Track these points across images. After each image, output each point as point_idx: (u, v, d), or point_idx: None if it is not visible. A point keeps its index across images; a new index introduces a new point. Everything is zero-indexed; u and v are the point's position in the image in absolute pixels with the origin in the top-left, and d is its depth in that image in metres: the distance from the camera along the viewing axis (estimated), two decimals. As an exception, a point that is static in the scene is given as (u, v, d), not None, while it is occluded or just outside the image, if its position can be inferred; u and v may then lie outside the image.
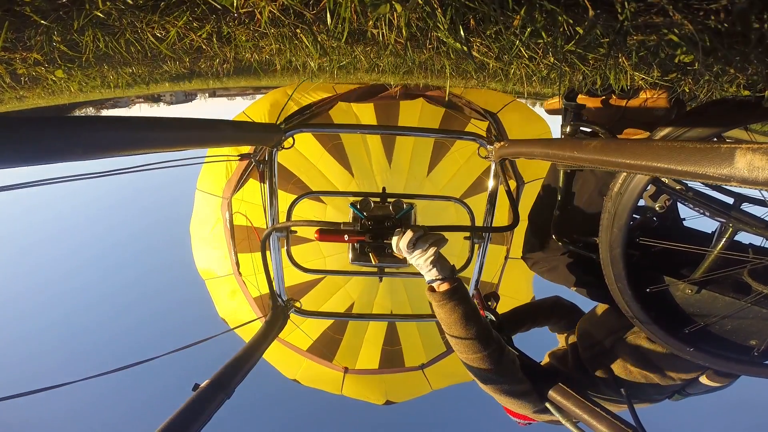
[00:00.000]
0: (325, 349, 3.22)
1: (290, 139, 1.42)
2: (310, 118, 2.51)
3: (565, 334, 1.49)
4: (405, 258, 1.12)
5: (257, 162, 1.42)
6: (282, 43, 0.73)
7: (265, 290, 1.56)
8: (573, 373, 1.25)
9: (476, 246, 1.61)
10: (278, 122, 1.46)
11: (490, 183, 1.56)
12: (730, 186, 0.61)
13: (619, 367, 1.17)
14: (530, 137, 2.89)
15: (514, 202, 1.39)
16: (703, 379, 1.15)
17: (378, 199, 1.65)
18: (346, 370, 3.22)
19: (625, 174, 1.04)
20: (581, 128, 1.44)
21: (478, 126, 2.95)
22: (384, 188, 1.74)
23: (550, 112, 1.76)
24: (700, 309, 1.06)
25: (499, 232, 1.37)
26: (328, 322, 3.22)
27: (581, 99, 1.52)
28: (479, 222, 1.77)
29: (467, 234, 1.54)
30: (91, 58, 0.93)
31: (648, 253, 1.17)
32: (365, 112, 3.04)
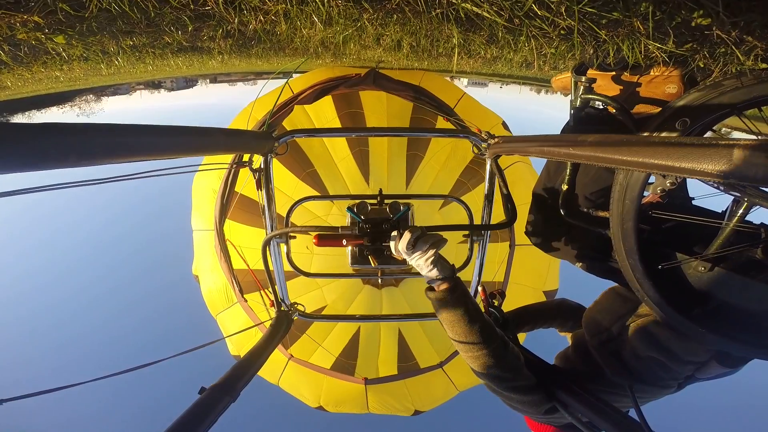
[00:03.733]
0: (342, 369, 3.21)
1: (284, 145, 1.44)
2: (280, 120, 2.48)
3: (573, 333, 1.47)
4: (404, 259, 1.12)
5: (253, 170, 1.43)
6: (288, 2, 0.71)
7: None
8: (579, 366, 1.23)
9: (476, 244, 1.60)
10: (265, 129, 1.46)
11: (486, 181, 1.57)
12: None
13: (628, 353, 1.14)
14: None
15: (510, 199, 1.40)
16: (713, 363, 1.11)
17: (375, 201, 1.66)
18: (366, 380, 3.18)
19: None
20: (590, 104, 1.41)
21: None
22: (381, 189, 1.73)
23: (559, 87, 1.72)
24: (713, 288, 1.02)
25: (497, 229, 1.37)
26: (340, 347, 3.20)
27: (591, 74, 1.48)
28: (476, 220, 1.76)
29: (465, 232, 1.54)
30: (93, 24, 0.91)
31: (659, 229, 1.15)
32: (323, 107, 2.97)
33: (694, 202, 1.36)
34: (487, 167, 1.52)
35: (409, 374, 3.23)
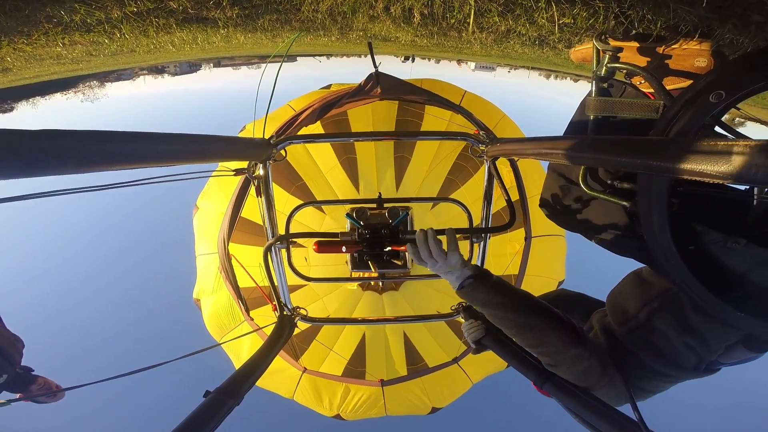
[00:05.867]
0: (352, 376, 3.22)
1: (282, 152, 1.45)
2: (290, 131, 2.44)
3: (598, 318, 1.36)
4: (405, 263, 1.14)
5: (252, 177, 1.45)
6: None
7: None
8: (612, 351, 1.16)
9: (476, 246, 1.62)
10: (267, 137, 1.48)
11: (485, 182, 1.57)
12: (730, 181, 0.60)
13: (660, 339, 1.09)
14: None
15: (509, 200, 1.40)
16: (739, 348, 1.06)
17: (374, 205, 1.65)
18: (382, 382, 3.13)
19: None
20: (616, 77, 1.34)
21: (459, 123, 2.81)
22: (380, 194, 1.73)
23: (578, 59, 1.64)
24: (746, 267, 0.95)
25: (496, 232, 1.40)
26: (348, 355, 3.20)
27: (615, 44, 1.41)
28: (476, 218, 1.79)
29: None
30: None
31: (686, 204, 1.10)
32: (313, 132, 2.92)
33: None
34: (486, 169, 1.52)
35: (423, 373, 3.22)
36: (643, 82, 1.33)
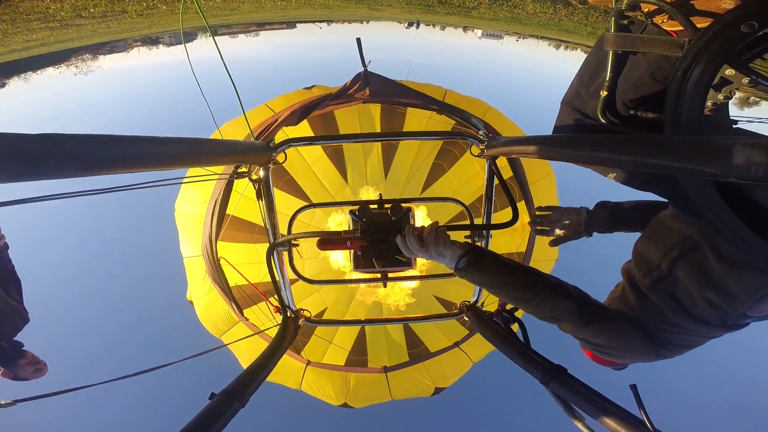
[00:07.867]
0: (355, 365, 3.30)
1: (282, 155, 1.46)
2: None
3: (625, 268, 1.28)
4: (410, 260, 1.22)
5: (253, 180, 1.44)
6: None
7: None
8: (637, 305, 1.13)
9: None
10: (262, 140, 1.44)
11: (485, 181, 1.58)
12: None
13: (683, 293, 1.02)
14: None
15: (513, 200, 1.39)
16: (765, 301, 0.98)
17: (375, 206, 1.64)
18: (385, 368, 3.20)
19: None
20: (633, 17, 1.26)
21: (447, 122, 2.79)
22: (381, 195, 1.74)
23: (597, 0, 1.54)
24: None
25: (498, 229, 1.42)
26: (349, 345, 3.28)
27: (636, -17, 1.31)
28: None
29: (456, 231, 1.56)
30: None
31: (719, 130, 1.04)
32: (301, 132, 2.86)
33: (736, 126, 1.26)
34: (486, 168, 1.53)
35: (424, 357, 3.31)
36: (664, 21, 1.26)
